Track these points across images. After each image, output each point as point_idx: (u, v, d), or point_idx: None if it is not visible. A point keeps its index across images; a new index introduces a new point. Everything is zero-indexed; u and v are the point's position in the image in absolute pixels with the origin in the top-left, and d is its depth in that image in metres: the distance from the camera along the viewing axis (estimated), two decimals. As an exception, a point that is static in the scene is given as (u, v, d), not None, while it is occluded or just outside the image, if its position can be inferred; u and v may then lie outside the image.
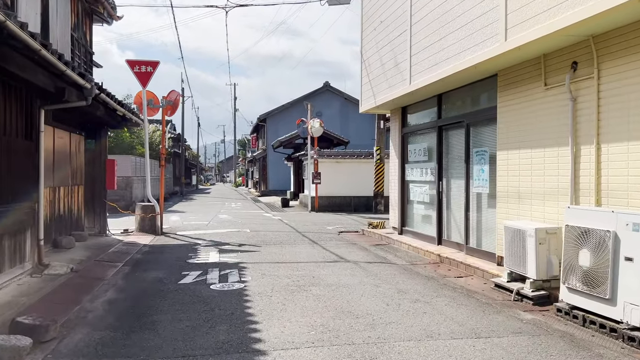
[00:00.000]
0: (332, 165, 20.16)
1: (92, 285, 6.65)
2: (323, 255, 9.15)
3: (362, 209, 19.99)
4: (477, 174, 7.96)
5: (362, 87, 11.93)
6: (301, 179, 25.64)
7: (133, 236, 11.86)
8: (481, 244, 8.05)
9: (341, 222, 15.43)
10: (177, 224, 14.54)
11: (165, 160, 28.80)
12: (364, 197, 20.08)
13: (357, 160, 20.23)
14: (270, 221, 15.55)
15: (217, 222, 15.03)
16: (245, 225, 14.03)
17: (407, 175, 10.85)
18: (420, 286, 6.64)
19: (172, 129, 45.15)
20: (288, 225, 14.17)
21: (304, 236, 11.90)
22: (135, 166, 21.52)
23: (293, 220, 15.63)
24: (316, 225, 14.23)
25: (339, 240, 11.25)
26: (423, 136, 10.18)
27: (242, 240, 11.06)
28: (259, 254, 9.18)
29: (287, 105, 34.70)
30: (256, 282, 6.78)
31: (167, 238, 11.72)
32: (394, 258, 8.91)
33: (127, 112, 10.80)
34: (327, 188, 19.78)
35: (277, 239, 11.37)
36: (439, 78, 7.92)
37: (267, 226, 14.01)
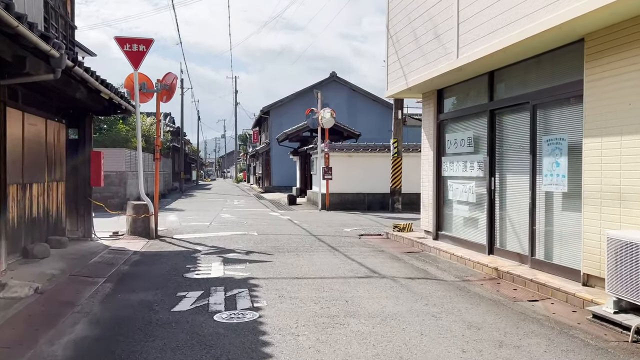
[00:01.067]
0: (344, 159, 18.51)
1: (59, 315, 5.03)
2: (350, 267, 7.52)
3: (376, 208, 18.36)
4: (549, 168, 6.32)
5: (388, 67, 10.27)
6: (308, 175, 24.00)
7: (123, 240, 10.24)
8: (552, 255, 6.42)
9: (358, 222, 13.80)
10: (174, 225, 12.91)
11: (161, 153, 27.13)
12: (378, 195, 18.44)
13: (372, 154, 18.58)
14: (279, 222, 13.92)
15: (220, 223, 13.40)
16: (252, 227, 12.40)
17: (444, 170, 9.21)
18: (492, 316, 5.01)
19: (172, 122, 43.49)
20: (300, 227, 12.54)
21: (321, 240, 10.27)
22: (130, 160, 19.89)
23: (304, 221, 14.00)
24: (331, 227, 12.60)
25: (362, 246, 9.62)
26: (467, 123, 8.53)
27: (250, 246, 9.44)
28: (272, 265, 7.56)
29: (292, 97, 33.02)
30: (274, 310, 5.15)
31: (162, 243, 10.09)
32: (437, 271, 7.28)
33: (115, 96, 9.15)
34: (339, 184, 18.15)
35: (290, 244, 9.74)
36: (500, 47, 6.26)
37: (277, 228, 12.38)
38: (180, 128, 36.57)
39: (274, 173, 32.93)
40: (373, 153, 18.54)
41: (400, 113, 17.26)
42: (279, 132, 31.55)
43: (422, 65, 8.60)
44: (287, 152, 30.60)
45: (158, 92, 11.26)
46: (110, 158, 18.60)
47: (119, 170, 18.53)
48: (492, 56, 6.64)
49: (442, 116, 9.30)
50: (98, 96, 8.91)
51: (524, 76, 6.99)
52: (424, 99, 9.87)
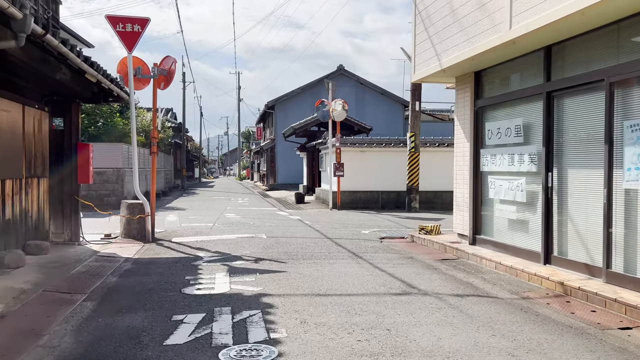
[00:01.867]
0: (356, 155, 17.28)
1: (15, 352, 3.82)
2: (381, 279, 6.30)
3: (391, 206, 17.13)
4: (633, 161, 5.08)
5: (415, 47, 9.03)
6: (316, 171, 22.78)
7: (114, 245, 9.04)
8: (637, 268, 5.18)
9: (375, 223, 12.57)
10: (174, 226, 11.71)
11: (158, 147, 25.68)
12: (393, 193, 17.21)
13: (386, 150, 17.34)
14: (289, 222, 12.69)
15: (224, 224, 12.19)
16: (260, 229, 11.18)
17: (483, 164, 7.97)
18: (588, 355, 3.79)
19: (173, 118, 42.34)
20: (312, 229, 11.32)
21: (339, 245, 9.06)
22: (129, 156, 18.69)
23: (316, 221, 12.78)
24: (347, 228, 11.38)
25: (387, 252, 8.40)
26: (514, 109, 7.29)
27: (259, 252, 8.23)
28: (287, 277, 6.35)
29: (298, 91, 31.77)
30: (297, 345, 3.94)
31: (159, 247, 8.89)
32: (485, 285, 6.06)
33: (104, 79, 7.94)
34: (351, 182, 16.92)
35: (304, 249, 8.53)
36: (578, 8, 5.02)
37: (287, 229, 11.16)
38: (182, 124, 35.38)
39: (280, 170, 31.72)
40: (387, 148, 17.29)
41: (417, 104, 16.01)
42: (284, 127, 30.31)
43: (461, 42, 7.36)
44: (293, 148, 29.38)
45: (155, 78, 10.04)
46: (107, 154, 17.45)
47: (116, 166, 17.36)
48: (561, 22, 5.38)
49: (481, 102, 8.06)
50: (84, 79, 7.69)
51: (596, 49, 5.74)
52: (458, 83, 8.63)
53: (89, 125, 17.34)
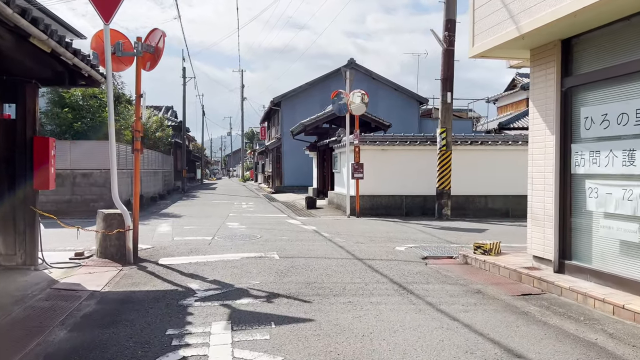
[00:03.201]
0: (377, 154, 15.18)
1: None
2: (460, 338, 4.19)
3: (416, 213, 15.03)
4: None
5: (475, 11, 6.93)
6: (328, 173, 20.69)
7: (84, 269, 6.98)
8: None
9: (407, 235, 10.46)
10: (165, 241, 9.63)
11: (156, 147, 23.75)
12: (419, 197, 15.11)
13: (410, 148, 15.22)
14: (303, 235, 10.59)
15: (225, 237, 10.10)
16: (269, 244, 9.09)
17: (576, 165, 5.86)
18: None
19: (174, 116, 40.36)
20: (334, 244, 9.22)
21: (375, 270, 6.95)
22: (119, 155, 16.64)
23: (336, 232, 10.69)
24: (376, 243, 9.29)
25: (442, 281, 6.30)
26: (630, 87, 5.17)
27: (272, 282, 6.14)
28: (317, 332, 4.25)
29: (305, 87, 29.71)
30: None
31: (139, 273, 6.80)
32: (620, 348, 3.95)
33: (63, 50, 5.88)
34: (371, 185, 14.83)
35: (331, 276, 6.44)
36: None
37: (303, 245, 9.06)
38: (182, 122, 33.35)
39: (286, 171, 29.65)
40: (412, 146, 15.18)
41: (449, 95, 13.90)
42: (291, 125, 28.25)
43: (556, -8, 5.24)
44: (301, 148, 27.30)
45: (139, 56, 7.98)
46: (94, 153, 15.42)
47: (105, 167, 15.30)
48: None
49: (572, 80, 5.95)
50: (35, 49, 5.63)
51: None
52: (536, 57, 6.51)
53: (75, 121, 15.30)
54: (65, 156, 15.11)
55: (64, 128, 15.37)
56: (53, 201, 15.05)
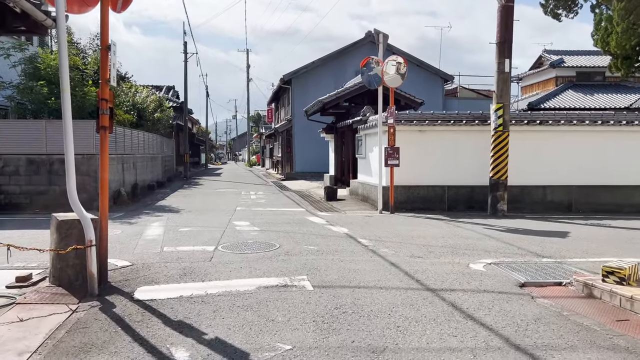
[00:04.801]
0: (414, 136, 12.59)
1: None
2: None
3: (461, 207, 12.49)
4: None
5: None
6: (348, 158, 18.12)
7: (13, 313, 4.52)
8: None
9: (472, 243, 7.91)
10: (151, 253, 7.13)
11: (156, 129, 21.08)
12: (464, 188, 12.56)
13: (454, 129, 12.62)
14: (335, 242, 8.04)
15: (233, 246, 7.59)
16: (294, 259, 6.56)
17: None
18: None
19: (175, 96, 37.76)
20: (381, 257, 6.70)
21: (467, 315, 4.43)
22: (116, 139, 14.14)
23: (376, 238, 8.16)
24: (438, 256, 6.77)
25: (589, 342, 3.78)
26: None
27: (312, 346, 3.64)
28: None
29: (319, 63, 26.98)
30: None
31: (102, 320, 4.31)
32: None
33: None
34: (406, 173, 12.29)
35: (406, 332, 3.93)
36: None
37: (342, 262, 6.53)
38: (184, 103, 30.74)
39: (297, 156, 27.09)
40: (457, 126, 12.57)
41: (507, 63, 11.24)
42: (302, 105, 25.64)
43: None
44: (314, 130, 24.68)
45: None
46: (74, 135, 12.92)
47: (87, 152, 12.82)
48: None
49: None
50: None
51: None
52: None
53: (50, 96, 12.76)
54: (41, 138, 12.62)
55: (40, 105, 12.85)
56: (26, 192, 12.62)
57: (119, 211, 12.57)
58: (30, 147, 12.62)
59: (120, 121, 18.36)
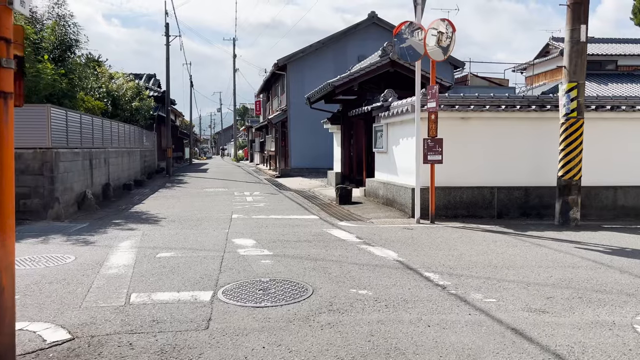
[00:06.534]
0: (455, 125, 10.08)
1: None
2: None
3: (514, 213, 10.03)
4: None
5: None
6: (361, 153, 15.54)
7: None
8: None
9: (592, 276, 5.37)
10: (111, 302, 4.45)
11: (134, 120, 18.88)
12: (517, 190, 10.08)
13: (505, 116, 10.12)
14: (392, 277, 5.42)
15: (239, 288, 4.96)
16: (346, 322, 3.97)
17: None
18: None
19: (157, 85, 34.71)
20: (484, 314, 4.16)
21: None
22: (69, 129, 11.34)
23: (446, 269, 5.60)
24: (569, 310, 4.25)
25: None
26: None
27: None
28: None
29: (318, 46, 24.30)
30: None
31: None
32: None
33: None
34: (446, 171, 9.77)
35: None
36: None
37: (423, 319, 3.98)
38: (166, 91, 27.78)
39: (294, 151, 24.44)
40: (509, 113, 10.06)
41: (584, 30, 8.73)
42: (299, 93, 23.02)
43: None
44: (312, 121, 22.15)
45: None
46: (23, 123, 10.12)
47: (41, 145, 10.02)
48: None
49: None
50: None
51: None
52: None
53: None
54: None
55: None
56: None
57: (82, 220, 9.84)
58: (-36, 139, 9.78)
59: (90, 109, 15.52)
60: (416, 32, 9.64)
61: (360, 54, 23.38)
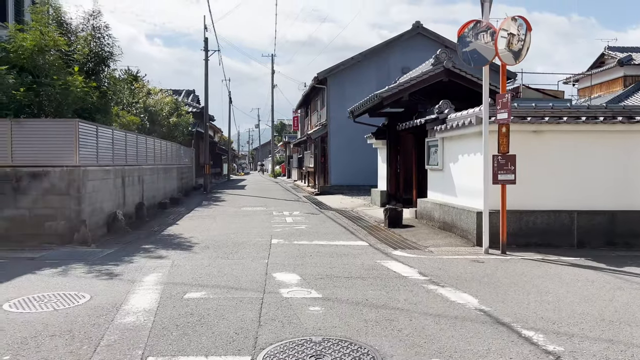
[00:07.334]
0: (525, 139, 8.78)
1: None
2: None
3: (596, 242, 8.58)
4: None
5: None
6: (405, 170, 14.31)
7: None
8: None
9: None
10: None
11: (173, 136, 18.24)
12: (600, 215, 8.64)
13: (586, 129, 8.75)
14: (486, 341, 4.24)
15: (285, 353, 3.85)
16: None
17: None
18: None
19: (195, 101, 34.52)
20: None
21: None
22: (99, 145, 10.62)
23: (564, 332, 4.35)
24: None
25: None
26: None
27: None
28: None
29: (359, 58, 23.31)
30: None
31: None
32: None
33: None
34: (517, 193, 8.44)
35: None
36: None
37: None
38: (205, 107, 27.35)
39: (333, 167, 23.37)
40: (590, 125, 8.69)
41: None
42: (339, 109, 22.05)
43: None
44: (353, 136, 21.13)
45: None
46: (49, 139, 9.45)
47: (67, 163, 9.28)
48: None
49: None
50: None
51: None
52: None
53: (20, 85, 9.30)
54: (4, 144, 9.16)
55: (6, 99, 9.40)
56: (-17, 219, 9.12)
57: (110, 245, 9.01)
58: (-8, 157, 9.17)
59: (125, 124, 14.95)
60: (481, 34, 8.46)
61: (404, 65, 22.24)
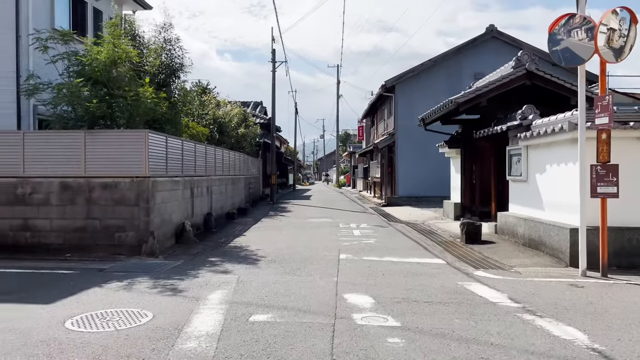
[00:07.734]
0: (627, 146, 7.74)
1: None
2: None
3: None
4: None
5: None
6: (482, 181, 13.35)
7: None
8: None
9: None
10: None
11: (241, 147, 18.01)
12: None
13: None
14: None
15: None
16: None
17: None
18: None
19: (263, 112, 34.93)
20: None
21: None
22: (169, 156, 10.63)
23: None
24: None
25: None
26: None
27: None
28: None
29: (429, 64, 22.45)
30: None
31: None
32: None
33: None
34: (618, 207, 7.41)
35: None
36: None
37: None
38: (272, 118, 27.50)
39: (401, 178, 22.57)
40: None
41: None
42: (408, 116, 21.29)
43: None
44: (422, 146, 20.35)
45: None
46: (119, 150, 9.51)
47: (137, 174, 9.29)
48: None
49: None
50: None
51: None
52: None
53: (93, 96, 9.46)
54: (78, 155, 9.32)
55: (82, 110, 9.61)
56: (58, 229, 9.30)
57: (177, 257, 8.88)
58: (64, 168, 9.37)
59: (194, 135, 15.10)
60: (574, 31, 7.57)
61: (477, 71, 21.12)
